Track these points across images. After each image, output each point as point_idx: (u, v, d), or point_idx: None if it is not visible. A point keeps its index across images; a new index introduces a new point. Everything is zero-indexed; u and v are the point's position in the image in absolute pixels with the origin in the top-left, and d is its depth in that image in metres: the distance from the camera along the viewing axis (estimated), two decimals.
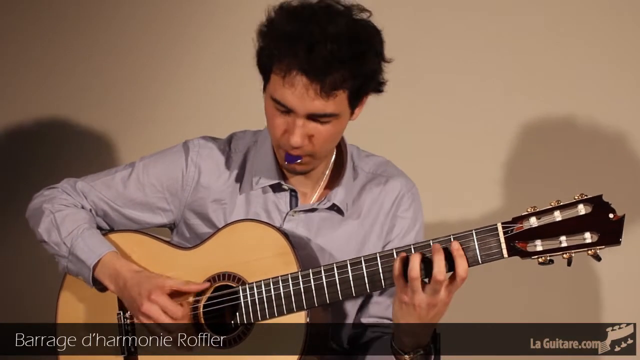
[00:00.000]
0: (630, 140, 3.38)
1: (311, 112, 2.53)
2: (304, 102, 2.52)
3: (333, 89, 2.50)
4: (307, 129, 2.56)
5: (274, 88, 2.55)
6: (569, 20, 3.41)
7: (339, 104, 2.54)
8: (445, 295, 2.44)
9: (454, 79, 3.47)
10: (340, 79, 2.50)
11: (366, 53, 2.52)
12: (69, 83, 3.74)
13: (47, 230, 2.74)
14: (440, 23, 3.49)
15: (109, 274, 2.67)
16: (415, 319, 2.46)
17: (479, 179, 3.46)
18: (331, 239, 2.70)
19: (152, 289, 2.60)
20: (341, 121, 2.59)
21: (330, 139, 2.60)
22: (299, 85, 2.51)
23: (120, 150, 3.69)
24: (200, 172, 2.75)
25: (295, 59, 2.49)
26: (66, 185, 2.81)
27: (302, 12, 2.53)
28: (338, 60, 2.48)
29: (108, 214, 2.79)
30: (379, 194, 2.75)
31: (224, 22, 3.62)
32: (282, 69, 2.51)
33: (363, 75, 2.54)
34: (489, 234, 2.45)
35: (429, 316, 2.46)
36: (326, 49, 2.47)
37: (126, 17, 3.72)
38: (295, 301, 2.57)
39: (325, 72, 2.48)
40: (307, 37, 2.48)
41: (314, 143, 2.58)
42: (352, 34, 2.51)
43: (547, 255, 2.42)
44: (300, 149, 2.58)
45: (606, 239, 2.38)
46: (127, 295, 2.63)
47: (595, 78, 3.39)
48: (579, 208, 2.40)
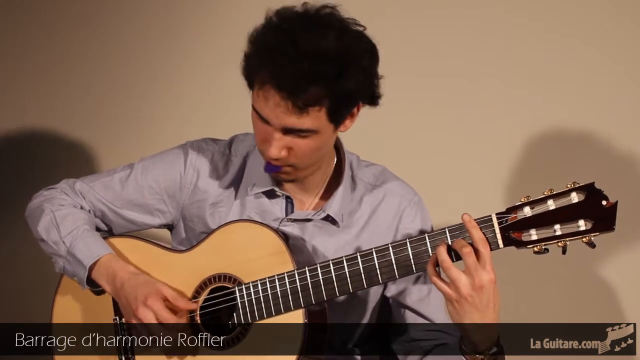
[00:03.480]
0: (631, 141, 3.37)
1: (286, 126, 2.50)
2: (278, 116, 2.48)
3: (306, 105, 2.46)
4: (284, 141, 2.52)
5: (254, 98, 2.53)
6: (568, 21, 3.41)
7: (315, 120, 2.50)
8: (483, 273, 2.40)
9: (454, 80, 3.47)
10: (315, 96, 2.45)
11: (346, 72, 2.45)
12: (68, 84, 3.75)
13: (46, 229, 2.74)
14: (440, 24, 3.49)
15: (106, 274, 2.67)
16: (474, 311, 2.42)
17: (479, 180, 3.45)
18: (325, 248, 2.68)
19: (148, 293, 2.60)
20: (321, 136, 2.54)
21: (310, 152, 2.56)
22: (271, 100, 2.47)
23: (120, 150, 3.69)
24: (198, 175, 2.75)
25: (269, 73, 2.45)
26: (65, 185, 2.81)
27: (289, 23, 2.48)
28: (312, 78, 2.43)
29: (106, 214, 2.79)
30: (377, 206, 2.72)
31: (224, 22, 3.62)
32: (259, 81, 2.48)
33: (342, 93, 2.48)
34: (484, 224, 2.45)
35: (484, 302, 2.42)
36: (300, 66, 2.42)
37: (126, 17, 3.72)
38: (292, 299, 2.56)
39: (297, 89, 2.44)
40: (282, 52, 2.43)
41: (294, 155, 2.55)
42: (333, 52, 2.44)
43: (542, 244, 2.42)
44: (280, 160, 2.55)
45: (600, 226, 2.38)
46: (123, 296, 2.63)
47: (596, 79, 3.39)
48: (572, 196, 2.40)
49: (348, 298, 2.68)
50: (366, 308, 2.74)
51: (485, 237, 2.43)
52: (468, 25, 3.46)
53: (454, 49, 3.48)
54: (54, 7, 3.74)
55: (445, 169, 3.48)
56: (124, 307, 2.64)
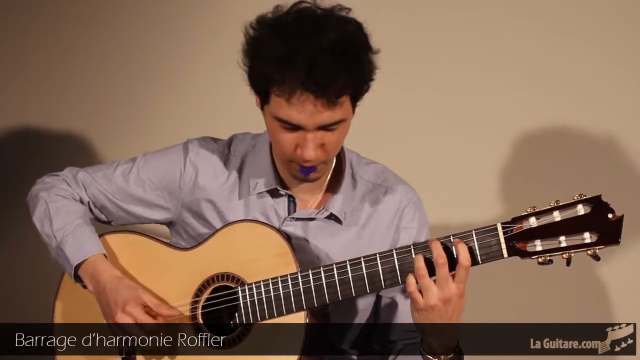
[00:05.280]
0: (631, 141, 3.37)
1: (321, 124, 2.53)
2: (314, 118, 2.51)
3: (338, 97, 2.50)
4: (317, 140, 2.55)
5: (277, 108, 2.53)
6: (570, 21, 3.41)
7: (344, 109, 2.54)
8: (454, 287, 2.44)
9: (455, 80, 3.47)
10: (342, 87, 2.50)
11: (359, 55, 2.52)
12: (69, 84, 3.74)
13: (40, 220, 2.75)
14: (440, 24, 3.49)
15: (90, 274, 2.67)
16: (437, 319, 2.46)
17: (480, 180, 3.45)
18: (328, 247, 2.69)
19: (127, 299, 2.60)
20: (347, 123, 2.59)
21: (339, 143, 2.61)
22: (306, 103, 2.50)
23: (120, 150, 3.68)
24: (197, 173, 2.75)
25: (296, 79, 2.47)
26: (68, 174, 2.82)
27: (287, 28, 2.51)
28: (337, 70, 2.47)
29: (106, 206, 2.80)
30: (378, 205, 2.73)
31: (224, 22, 3.62)
32: (284, 91, 2.49)
33: (362, 75, 2.54)
34: (488, 234, 2.46)
35: (448, 314, 2.46)
36: (323, 64, 2.46)
37: (126, 17, 3.72)
38: (294, 302, 2.56)
39: (327, 85, 2.47)
40: (303, 56, 2.46)
41: (326, 150, 2.58)
42: (344, 40, 2.50)
43: (546, 255, 2.42)
44: (315, 159, 2.58)
45: (605, 239, 2.38)
46: (104, 299, 2.64)
47: (596, 79, 3.39)
48: (578, 208, 2.40)
49: (349, 299, 2.68)
50: (367, 309, 2.75)
51: (468, 254, 2.43)
52: (468, 25, 3.46)
53: (454, 49, 3.48)
54: (54, 7, 3.74)
55: (445, 170, 3.48)
56: (104, 310, 2.65)
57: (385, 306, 2.74)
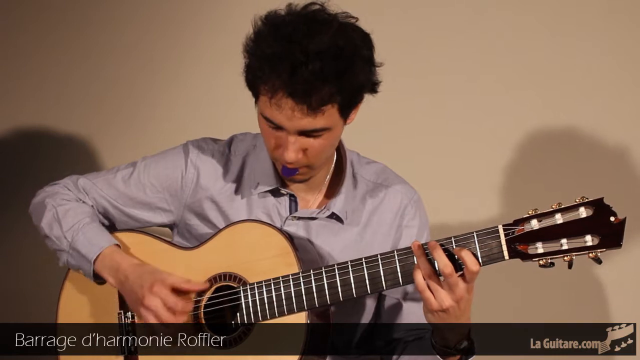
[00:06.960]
0: (633, 143, 3.38)
1: (301, 129, 2.52)
2: (293, 121, 2.50)
3: (320, 105, 2.48)
4: (299, 144, 2.54)
5: (263, 106, 2.54)
6: (572, 22, 3.41)
7: (328, 118, 2.52)
8: (464, 286, 2.42)
9: (456, 81, 3.47)
10: (327, 95, 2.48)
11: (353, 65, 2.49)
12: (68, 84, 3.74)
13: (49, 225, 2.75)
14: (442, 24, 3.49)
15: (109, 267, 2.67)
16: (452, 319, 2.45)
17: (481, 181, 3.46)
18: (330, 246, 2.69)
19: (154, 281, 2.59)
20: (334, 132, 2.57)
21: (324, 150, 2.59)
22: (285, 107, 2.49)
23: (120, 150, 3.69)
24: (199, 174, 2.75)
25: (278, 80, 2.46)
26: (68, 181, 2.83)
27: (284, 28, 2.49)
28: (322, 79, 2.45)
29: (109, 211, 2.80)
30: (379, 204, 2.74)
31: (224, 22, 3.62)
32: (268, 90, 2.49)
33: (352, 87, 2.51)
34: (490, 236, 2.45)
35: (462, 310, 2.44)
36: (308, 70, 2.44)
37: (126, 17, 3.72)
38: (296, 302, 2.57)
39: (310, 92, 2.45)
40: (289, 58, 2.45)
41: (309, 155, 2.57)
42: (336, 49, 2.47)
43: (548, 258, 2.42)
44: (296, 163, 2.57)
45: (607, 242, 2.37)
46: (129, 287, 2.63)
47: (599, 81, 3.39)
48: (580, 211, 2.40)
49: (351, 299, 2.69)
50: (369, 309, 2.75)
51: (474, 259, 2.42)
52: (470, 25, 3.46)
53: (456, 49, 3.48)
54: (54, 7, 3.74)
55: (446, 171, 3.48)
56: (130, 297, 2.64)
57: (388, 307, 2.74)
